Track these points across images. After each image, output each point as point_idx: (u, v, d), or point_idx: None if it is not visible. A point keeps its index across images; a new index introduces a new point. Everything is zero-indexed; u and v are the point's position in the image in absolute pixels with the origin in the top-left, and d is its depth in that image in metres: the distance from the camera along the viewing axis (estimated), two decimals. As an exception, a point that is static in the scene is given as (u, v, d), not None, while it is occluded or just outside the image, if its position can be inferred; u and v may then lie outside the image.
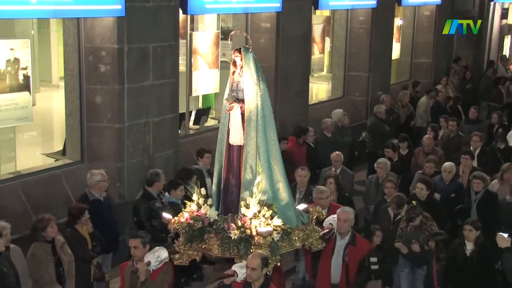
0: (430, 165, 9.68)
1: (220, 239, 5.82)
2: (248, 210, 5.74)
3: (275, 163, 6.05)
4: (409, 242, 7.63)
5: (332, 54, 15.11)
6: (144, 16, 8.79)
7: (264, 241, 5.62)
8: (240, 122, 5.99)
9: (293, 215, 6.12)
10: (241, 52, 6.03)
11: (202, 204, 6.00)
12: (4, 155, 8.99)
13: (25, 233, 7.13)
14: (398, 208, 8.00)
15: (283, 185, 6.10)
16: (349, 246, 6.82)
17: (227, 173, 6.12)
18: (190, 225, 5.94)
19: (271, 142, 6.02)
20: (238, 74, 6.06)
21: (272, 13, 11.42)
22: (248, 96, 5.94)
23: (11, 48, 7.87)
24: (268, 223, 5.67)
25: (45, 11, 7.99)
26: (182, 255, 6.04)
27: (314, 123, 11.92)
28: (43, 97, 13.03)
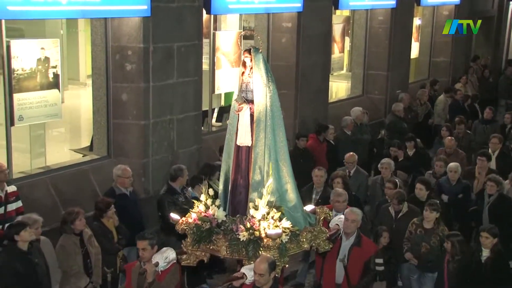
0: (440, 164, 9.36)
1: (228, 241, 5.67)
2: (257, 212, 5.59)
3: (284, 164, 5.89)
4: (419, 245, 7.40)
5: (352, 53, 15.06)
6: (169, 16, 8.83)
7: (273, 243, 5.50)
8: (249, 123, 5.82)
9: (301, 217, 5.97)
10: (251, 52, 5.84)
11: (210, 205, 5.85)
12: (35, 151, 9.06)
13: (55, 225, 7.20)
14: (399, 203, 7.79)
15: (291, 187, 5.95)
16: (354, 247, 6.57)
17: (235, 174, 5.95)
18: (198, 226, 5.79)
19: (279, 143, 5.86)
20: (248, 75, 5.88)
21: (293, 13, 11.40)
22: (257, 97, 5.77)
23: (41, 48, 7.94)
24: (277, 225, 5.53)
25: (74, 12, 8.06)
26: (190, 255, 5.89)
27: (334, 121, 11.90)
28: (71, 95, 13.16)
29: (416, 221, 7.51)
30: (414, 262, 7.43)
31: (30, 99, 7.86)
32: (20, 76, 7.71)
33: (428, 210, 7.34)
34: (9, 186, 7.18)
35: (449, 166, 9.03)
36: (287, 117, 11.57)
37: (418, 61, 17.46)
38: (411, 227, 7.49)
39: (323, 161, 10.43)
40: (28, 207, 7.28)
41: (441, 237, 7.29)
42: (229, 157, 5.99)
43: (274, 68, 11.51)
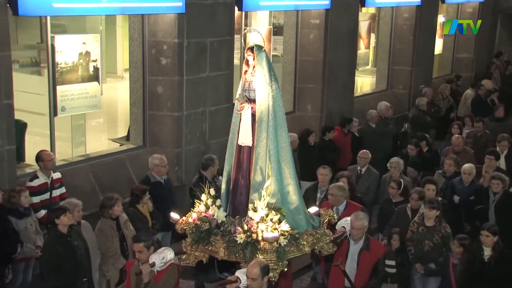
0: (449, 163, 8.86)
1: (226, 242, 5.33)
2: (255, 214, 5.24)
3: (286, 165, 5.49)
4: (421, 243, 7.00)
5: (377, 49, 14.94)
6: (203, 12, 8.86)
7: (270, 246, 5.14)
8: (250, 123, 5.46)
9: (303, 219, 5.57)
10: (253, 51, 5.48)
11: (210, 205, 5.50)
12: (76, 140, 9.14)
13: (93, 210, 7.30)
14: (420, 199, 7.36)
15: (293, 188, 5.54)
16: (363, 251, 6.18)
17: (236, 174, 5.59)
18: (198, 226, 5.47)
19: (282, 144, 5.47)
20: (251, 73, 5.50)
21: (321, 10, 11.34)
22: (259, 97, 5.39)
23: (83, 42, 8.04)
24: (276, 228, 5.17)
25: (114, 8, 8.16)
26: (189, 255, 5.57)
27: (359, 114, 11.84)
28: (109, 87, 13.26)
29: (417, 219, 7.15)
30: (421, 271, 7.04)
31: (72, 91, 7.97)
32: (63, 70, 7.83)
33: (428, 208, 6.98)
34: (54, 173, 7.31)
35: (463, 167, 8.55)
36: (314, 110, 11.64)
37: (441, 57, 17.24)
38: (413, 227, 7.12)
39: (347, 152, 10.43)
40: (70, 193, 7.39)
41: (443, 234, 6.96)
42: (231, 157, 5.65)
43: (301, 63, 11.57)
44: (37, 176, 7.16)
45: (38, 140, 8.75)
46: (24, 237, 6.73)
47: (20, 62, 9.95)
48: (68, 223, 6.12)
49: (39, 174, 7.18)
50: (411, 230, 7.12)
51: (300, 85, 11.63)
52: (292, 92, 11.67)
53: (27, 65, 10.39)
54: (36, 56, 10.38)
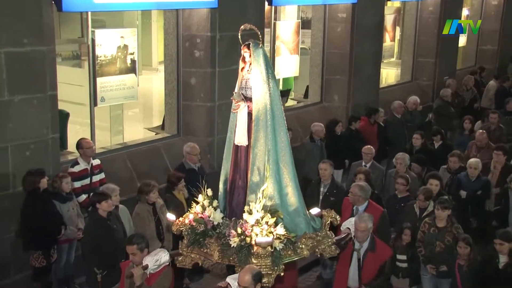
0: (453, 160, 8.39)
1: (220, 245, 4.95)
2: (250, 216, 4.80)
3: (285, 166, 5.06)
4: (432, 244, 6.57)
5: (402, 42, 14.77)
6: (234, 7, 8.84)
7: (264, 251, 4.72)
8: (246, 122, 5.06)
9: (303, 221, 5.15)
10: (250, 47, 5.06)
11: (207, 206, 5.10)
12: (114, 129, 9.23)
13: (131, 195, 7.40)
14: (426, 199, 7.01)
15: (293, 190, 5.10)
16: (369, 252, 5.76)
17: (233, 174, 5.20)
18: (193, 227, 5.09)
19: (281, 144, 5.03)
20: (247, 71, 5.08)
21: (348, 4, 11.25)
22: (256, 95, 4.97)
23: (121, 36, 8.11)
24: (271, 231, 4.74)
25: (151, 4, 8.21)
26: (185, 257, 5.19)
27: (384, 105, 11.73)
28: (145, 79, 13.34)
29: (428, 220, 6.69)
30: (433, 273, 6.63)
31: (111, 82, 8.05)
32: (102, 62, 7.91)
33: (440, 209, 6.52)
34: (94, 160, 7.40)
35: (469, 162, 8.11)
36: (341, 101, 11.57)
37: (465, 49, 16.95)
38: (424, 227, 6.67)
39: (373, 142, 10.33)
40: (108, 179, 7.48)
41: (455, 235, 6.51)
42: (229, 156, 5.27)
43: (329, 56, 11.50)
44: (78, 163, 7.27)
45: (79, 129, 8.86)
46: (67, 220, 6.86)
47: (62, 55, 10.08)
48: (108, 209, 6.20)
49: (79, 160, 7.28)
50: (422, 230, 6.68)
51: (327, 77, 11.57)
52: (320, 83, 11.62)
53: (69, 58, 10.53)
54: (77, 50, 10.51)
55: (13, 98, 6.61)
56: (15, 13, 6.49)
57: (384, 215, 6.57)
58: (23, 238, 6.62)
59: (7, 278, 6.86)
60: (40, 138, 6.94)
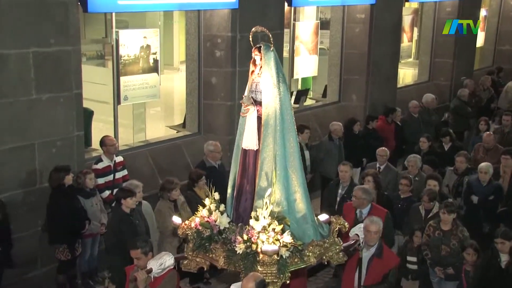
0: (461, 160, 8.10)
1: (226, 251, 4.80)
2: (257, 223, 4.63)
3: (293, 172, 4.90)
4: (438, 248, 6.40)
5: (420, 42, 14.64)
6: (254, 8, 8.83)
7: (270, 259, 4.55)
8: (256, 126, 4.89)
9: (310, 228, 4.98)
10: (261, 50, 4.88)
11: (213, 210, 4.94)
12: (137, 127, 9.28)
13: (152, 192, 7.43)
14: (430, 200, 6.82)
15: (301, 196, 4.94)
16: (375, 258, 5.51)
17: (241, 179, 5.04)
18: (199, 231, 4.95)
19: (290, 149, 4.87)
20: (258, 74, 4.92)
21: (367, 5, 11.17)
22: (266, 99, 4.79)
23: (144, 36, 8.14)
24: (277, 239, 4.57)
25: (173, 5, 8.23)
26: (191, 261, 5.06)
27: (401, 105, 11.65)
28: (166, 78, 13.41)
29: (433, 223, 6.50)
30: (440, 275, 6.46)
31: (134, 81, 8.08)
32: (125, 62, 7.94)
33: (446, 212, 6.33)
34: (117, 157, 7.45)
35: (480, 166, 7.77)
36: (359, 100, 11.51)
37: (483, 49, 16.76)
38: (429, 230, 6.48)
39: (390, 141, 10.29)
40: (131, 176, 7.51)
41: (461, 238, 6.34)
42: (238, 160, 5.11)
43: (347, 56, 11.44)
44: (102, 160, 7.31)
45: (103, 126, 8.91)
46: (91, 215, 6.92)
47: (87, 55, 10.17)
48: (131, 206, 6.23)
49: (103, 157, 7.33)
50: (426, 234, 6.51)
51: (346, 77, 11.51)
52: (338, 83, 11.57)
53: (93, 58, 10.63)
54: (101, 50, 10.60)
55: (40, 96, 6.68)
56: (42, 14, 6.56)
57: (387, 216, 6.39)
58: (49, 232, 6.69)
59: (35, 270, 6.94)
60: (65, 135, 6.99)
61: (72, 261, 6.81)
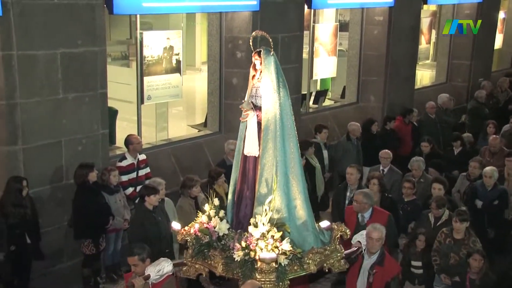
0: (474, 165, 7.77)
1: (224, 258, 4.66)
2: (255, 230, 4.48)
3: (294, 178, 4.74)
4: (447, 256, 6.16)
5: (437, 44, 14.50)
6: (275, 10, 8.83)
7: (268, 267, 4.41)
8: (256, 132, 4.74)
9: (310, 235, 4.82)
10: (261, 55, 4.74)
11: (213, 216, 4.81)
12: (159, 125, 9.31)
13: (174, 189, 7.45)
14: (438, 208, 6.57)
15: (301, 203, 4.78)
16: (376, 266, 5.30)
17: (241, 184, 4.89)
18: (198, 238, 4.82)
19: (290, 155, 4.71)
20: (258, 79, 4.77)
21: (385, 8, 11.10)
22: (266, 104, 4.65)
23: (167, 38, 8.17)
24: (276, 246, 4.42)
25: (196, 7, 8.27)
26: (190, 267, 4.91)
27: (418, 106, 11.55)
28: (188, 79, 13.45)
29: (446, 230, 6.25)
30: (446, 282, 6.24)
31: (157, 81, 8.12)
32: (149, 62, 7.99)
33: (458, 221, 6.08)
34: (140, 155, 7.49)
35: (484, 170, 7.45)
36: (377, 101, 11.44)
37: (501, 52, 16.54)
38: (440, 237, 6.24)
39: (407, 141, 10.22)
40: (153, 173, 7.55)
41: (472, 247, 6.06)
42: (238, 166, 4.96)
43: (365, 57, 11.37)
44: (125, 157, 7.37)
45: (127, 125, 8.98)
46: (114, 211, 6.97)
47: (112, 56, 10.26)
48: (154, 203, 6.25)
49: (127, 155, 7.38)
50: (438, 240, 6.27)
51: (364, 78, 11.45)
52: (356, 84, 11.52)
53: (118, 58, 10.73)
54: (125, 50, 10.70)
55: (67, 96, 6.75)
56: (70, 16, 6.63)
57: (390, 218, 6.19)
58: (75, 227, 6.76)
59: (61, 264, 7.03)
60: (91, 133, 7.06)
61: (97, 255, 6.88)
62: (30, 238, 6.33)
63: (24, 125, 6.42)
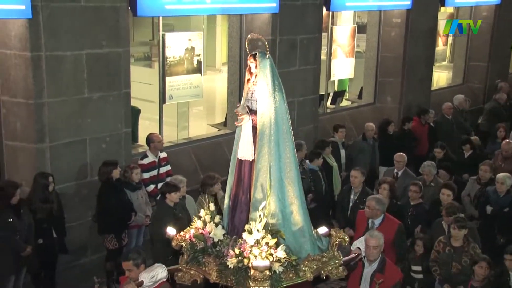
0: (485, 169, 7.51)
1: (218, 265, 4.47)
2: (250, 236, 4.29)
3: (289, 183, 4.54)
4: (448, 265, 5.86)
5: (454, 46, 14.35)
6: (294, 12, 8.84)
7: (261, 275, 4.22)
8: (251, 136, 4.57)
9: (307, 242, 4.61)
10: (256, 58, 4.56)
11: (208, 221, 4.62)
12: (180, 125, 9.34)
13: (194, 187, 7.46)
14: (448, 215, 6.26)
15: (298, 208, 4.58)
16: (377, 273, 5.10)
17: (236, 189, 4.71)
18: (193, 243, 4.63)
19: (285, 160, 4.53)
20: (253, 82, 4.59)
21: (403, 10, 11.04)
22: (261, 108, 4.48)
23: (189, 39, 8.22)
24: (271, 253, 4.23)
25: (217, 9, 8.29)
26: (185, 273, 4.71)
27: (435, 107, 11.46)
28: (208, 79, 13.45)
29: (443, 239, 5.97)
30: None
31: (178, 81, 8.16)
32: (171, 63, 8.04)
33: (456, 228, 5.81)
34: (161, 153, 7.53)
35: (497, 176, 7.18)
36: (393, 102, 11.37)
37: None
38: (438, 246, 5.94)
39: (423, 142, 10.15)
40: (174, 171, 7.59)
41: (472, 255, 5.80)
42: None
43: (382, 59, 11.32)
44: (147, 155, 7.41)
45: (149, 124, 9.04)
46: (136, 207, 7.02)
47: (135, 56, 10.33)
48: (175, 201, 6.28)
49: (148, 153, 7.43)
50: (436, 250, 5.99)
51: (381, 79, 11.40)
52: (373, 85, 11.47)
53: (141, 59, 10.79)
54: (148, 51, 10.76)
55: (92, 95, 6.83)
56: (95, 18, 6.71)
57: (400, 227, 6.00)
58: (98, 222, 6.84)
59: (85, 257, 7.13)
60: (114, 132, 7.14)
61: (119, 250, 6.93)
62: (56, 233, 6.44)
63: (51, 123, 6.52)
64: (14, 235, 6.00)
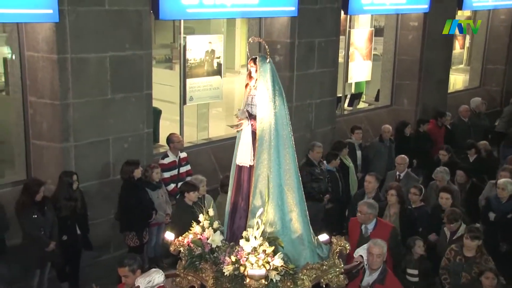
0: (504, 174, 7.23)
1: (214, 272, 4.33)
2: (247, 244, 4.13)
3: (289, 190, 4.40)
4: (458, 274, 5.63)
5: (471, 49, 14.21)
6: (312, 16, 8.84)
7: (257, 284, 4.05)
8: (250, 142, 4.42)
9: (306, 249, 4.46)
10: (256, 62, 4.40)
11: (206, 227, 4.47)
12: (200, 125, 9.39)
13: (214, 186, 7.50)
14: (450, 222, 6.09)
15: (297, 216, 4.42)
16: (376, 284, 4.88)
17: (235, 195, 4.58)
18: (191, 249, 4.48)
19: (285, 166, 4.38)
20: (253, 86, 4.45)
21: (420, 13, 10.98)
22: (260, 113, 4.33)
23: (209, 42, 8.28)
24: (268, 261, 4.06)
25: (237, 13, 8.32)
26: (182, 279, 4.57)
27: (452, 110, 11.36)
28: (228, 81, 13.43)
29: (455, 247, 5.73)
30: None
31: (199, 83, 8.22)
32: (192, 65, 8.10)
33: (469, 238, 5.58)
34: (181, 153, 7.58)
35: (499, 182, 6.94)
36: (410, 105, 11.30)
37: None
38: (449, 254, 5.71)
39: (440, 144, 10.04)
40: (194, 171, 7.64)
41: (484, 266, 5.53)
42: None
43: (400, 62, 11.26)
44: (167, 155, 7.46)
45: (169, 125, 9.07)
46: (157, 206, 7.07)
47: (156, 59, 10.38)
48: (194, 200, 6.33)
49: (169, 153, 7.49)
50: (447, 257, 5.75)
51: (398, 82, 11.35)
52: (390, 87, 11.43)
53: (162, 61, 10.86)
54: (169, 54, 10.82)
55: (114, 96, 6.91)
56: (119, 21, 6.79)
57: (394, 231, 5.84)
58: (120, 220, 6.91)
59: (108, 254, 7.21)
60: (136, 132, 7.21)
61: (140, 247, 7.00)
62: (80, 230, 6.52)
63: (75, 123, 6.61)
64: (39, 231, 6.11)
